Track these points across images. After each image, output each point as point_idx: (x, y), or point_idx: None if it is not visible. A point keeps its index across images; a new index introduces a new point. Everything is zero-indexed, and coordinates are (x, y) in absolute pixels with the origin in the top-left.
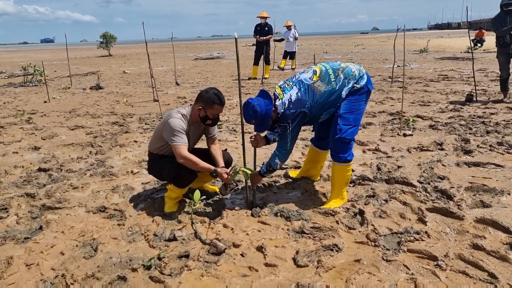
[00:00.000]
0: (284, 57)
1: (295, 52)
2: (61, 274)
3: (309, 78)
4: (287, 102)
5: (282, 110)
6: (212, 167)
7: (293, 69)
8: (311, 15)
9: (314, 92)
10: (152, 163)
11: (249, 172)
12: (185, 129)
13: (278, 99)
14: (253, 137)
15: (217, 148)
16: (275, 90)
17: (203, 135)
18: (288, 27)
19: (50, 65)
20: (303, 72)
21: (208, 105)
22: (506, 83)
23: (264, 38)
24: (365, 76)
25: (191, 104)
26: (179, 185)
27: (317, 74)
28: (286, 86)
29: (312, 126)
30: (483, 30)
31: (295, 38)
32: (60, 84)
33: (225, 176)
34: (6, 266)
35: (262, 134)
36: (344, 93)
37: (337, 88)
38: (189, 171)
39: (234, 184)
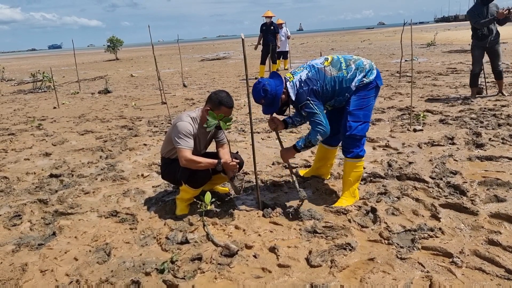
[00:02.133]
0: (277, 58)
1: (287, 51)
2: (76, 280)
3: (320, 63)
4: (298, 83)
5: (296, 91)
6: (216, 160)
7: (286, 69)
8: (316, 12)
9: (324, 74)
10: (164, 168)
11: (226, 124)
12: (192, 133)
13: (289, 82)
14: (272, 119)
15: (226, 151)
16: (286, 75)
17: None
18: (279, 25)
19: (59, 71)
20: (315, 59)
21: (215, 107)
22: (477, 78)
23: (279, 45)
24: (375, 71)
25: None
26: (193, 185)
27: (329, 60)
28: (296, 71)
29: None
30: None
31: (288, 37)
32: (69, 89)
33: (230, 163)
34: (21, 273)
35: (280, 118)
36: (353, 84)
37: (347, 76)
38: (204, 170)
39: (242, 175)
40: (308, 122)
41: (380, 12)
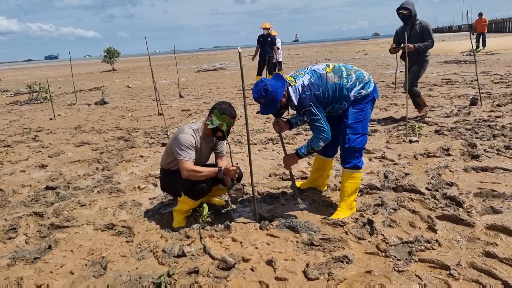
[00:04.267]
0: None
1: (280, 62)
2: None
3: (322, 69)
4: (300, 88)
5: (298, 96)
6: (217, 168)
7: None
8: (312, 23)
9: (326, 80)
10: (164, 179)
11: (226, 123)
12: (194, 145)
13: (290, 86)
14: (276, 121)
15: (224, 162)
16: (286, 78)
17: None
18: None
19: (55, 82)
20: (316, 64)
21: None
22: (412, 97)
23: (279, 58)
24: (372, 84)
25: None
26: (193, 196)
27: (330, 67)
28: (297, 74)
29: None
30: (482, 22)
31: (278, 48)
32: (65, 100)
33: (231, 167)
34: (16, 287)
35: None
36: (352, 94)
37: (347, 85)
38: (204, 182)
39: (240, 184)
40: (310, 127)
41: (375, 23)
